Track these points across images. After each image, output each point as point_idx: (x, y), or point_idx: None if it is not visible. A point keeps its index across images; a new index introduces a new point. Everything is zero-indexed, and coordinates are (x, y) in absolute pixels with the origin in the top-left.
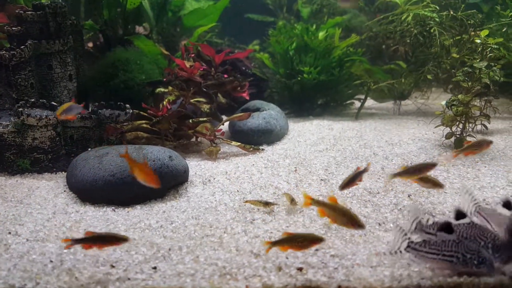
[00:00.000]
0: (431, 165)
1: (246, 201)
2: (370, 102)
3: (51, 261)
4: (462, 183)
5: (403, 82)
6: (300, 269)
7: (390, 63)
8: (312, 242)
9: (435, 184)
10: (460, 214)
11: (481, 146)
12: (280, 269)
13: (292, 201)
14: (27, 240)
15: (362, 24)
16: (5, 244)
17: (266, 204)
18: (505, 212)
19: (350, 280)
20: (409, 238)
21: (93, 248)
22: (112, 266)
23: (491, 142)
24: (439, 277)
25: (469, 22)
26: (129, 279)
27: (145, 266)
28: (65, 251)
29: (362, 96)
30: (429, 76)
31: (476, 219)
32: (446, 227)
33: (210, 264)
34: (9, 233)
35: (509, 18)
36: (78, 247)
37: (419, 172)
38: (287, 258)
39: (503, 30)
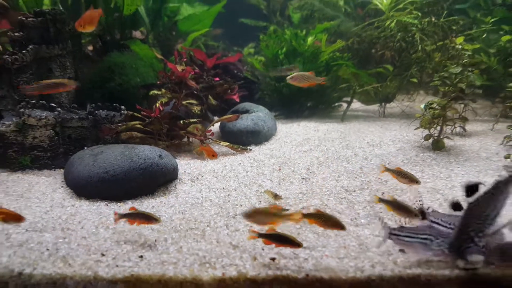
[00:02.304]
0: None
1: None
2: (357, 105)
3: (48, 249)
4: (434, 183)
5: (388, 86)
6: (273, 259)
7: (378, 66)
8: (335, 226)
9: (412, 179)
10: (457, 206)
11: None
12: (255, 259)
13: (276, 196)
14: (26, 230)
15: (350, 30)
16: (6, 233)
17: (276, 196)
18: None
19: (318, 269)
20: (389, 227)
21: (134, 223)
22: (103, 255)
23: None
24: (400, 268)
25: (453, 27)
26: (117, 266)
27: (132, 255)
28: (60, 240)
29: (349, 99)
30: (414, 80)
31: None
32: (456, 205)
33: (191, 254)
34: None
35: (490, 24)
36: (73, 237)
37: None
38: (262, 249)
39: (483, 36)
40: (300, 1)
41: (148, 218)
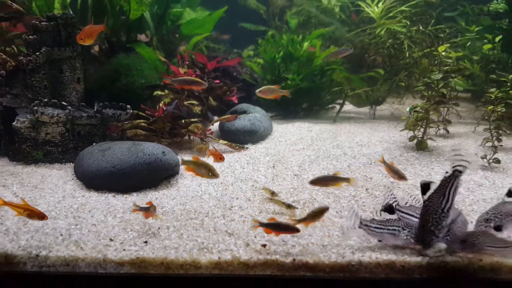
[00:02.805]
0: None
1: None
2: (350, 107)
3: (61, 235)
4: (415, 180)
5: (378, 89)
6: (264, 245)
7: (370, 70)
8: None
9: (400, 176)
10: (390, 209)
11: None
12: (248, 245)
13: (273, 193)
14: None
15: (344, 36)
16: (23, 220)
17: (288, 206)
18: None
19: (304, 255)
20: (360, 217)
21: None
22: (111, 240)
23: None
24: (377, 255)
25: (441, 35)
26: (124, 250)
27: (138, 240)
28: (73, 227)
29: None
30: (403, 83)
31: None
32: (389, 209)
33: (191, 240)
34: None
35: (474, 33)
36: (84, 224)
37: None
38: (255, 237)
39: (468, 44)
40: (297, 8)
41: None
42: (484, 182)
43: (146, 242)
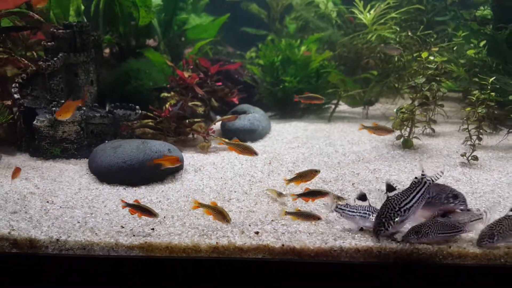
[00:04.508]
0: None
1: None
2: (344, 107)
3: (78, 222)
4: (398, 176)
5: (370, 90)
6: (256, 232)
7: (365, 72)
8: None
9: (388, 131)
10: (363, 197)
11: None
12: (242, 232)
13: (280, 194)
14: (61, 207)
15: (339, 40)
16: (45, 209)
17: (280, 194)
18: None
19: (292, 241)
20: (337, 203)
21: (135, 214)
22: (122, 227)
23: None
24: (356, 241)
25: (431, 40)
26: (134, 235)
27: (146, 227)
28: (88, 215)
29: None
30: (396, 85)
31: None
32: (362, 197)
33: (193, 228)
34: (47, 202)
35: (461, 38)
36: (98, 213)
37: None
38: (249, 225)
39: (455, 48)
40: (296, 13)
41: (149, 212)
42: (461, 177)
43: (153, 229)
